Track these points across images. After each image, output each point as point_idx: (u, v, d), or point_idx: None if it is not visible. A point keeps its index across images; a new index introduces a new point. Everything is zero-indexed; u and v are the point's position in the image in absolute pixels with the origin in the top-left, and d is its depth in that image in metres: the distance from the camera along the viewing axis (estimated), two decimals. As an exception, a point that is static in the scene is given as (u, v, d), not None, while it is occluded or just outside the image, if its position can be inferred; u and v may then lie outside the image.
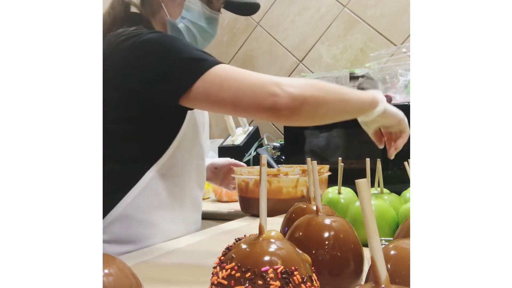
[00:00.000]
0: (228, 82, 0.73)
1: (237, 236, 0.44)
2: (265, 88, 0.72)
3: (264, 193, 0.38)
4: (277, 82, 0.72)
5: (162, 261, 0.71)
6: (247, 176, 1.13)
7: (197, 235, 0.90)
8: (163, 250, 0.78)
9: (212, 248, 0.77)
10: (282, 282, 0.32)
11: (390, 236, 0.70)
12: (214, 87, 0.73)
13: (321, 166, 0.91)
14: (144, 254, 0.75)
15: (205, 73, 0.73)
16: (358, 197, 0.28)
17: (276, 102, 0.70)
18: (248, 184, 1.13)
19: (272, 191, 1.08)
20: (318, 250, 0.44)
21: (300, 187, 1.09)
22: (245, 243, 0.36)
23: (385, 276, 0.27)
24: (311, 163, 0.51)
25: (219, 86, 0.73)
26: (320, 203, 0.50)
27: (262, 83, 0.73)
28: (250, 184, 1.12)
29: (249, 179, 1.12)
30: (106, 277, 0.31)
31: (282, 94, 0.71)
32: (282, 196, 1.08)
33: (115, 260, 0.33)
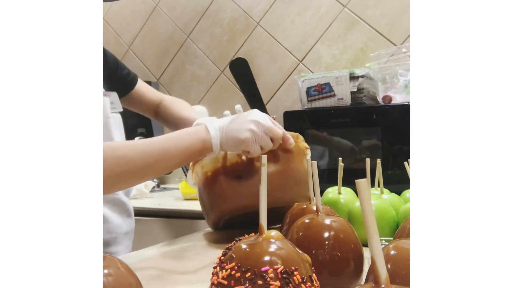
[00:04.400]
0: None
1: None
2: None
3: (264, 193, 0.38)
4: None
5: (162, 261, 0.71)
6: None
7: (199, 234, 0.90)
8: (163, 249, 0.78)
9: (213, 248, 0.77)
10: (282, 282, 0.32)
11: (390, 236, 0.70)
12: None
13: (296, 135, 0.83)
14: (145, 254, 0.75)
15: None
16: (358, 197, 0.28)
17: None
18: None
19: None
20: (318, 250, 0.44)
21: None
22: (245, 243, 0.36)
23: (385, 276, 0.27)
24: (311, 163, 0.51)
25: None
26: (320, 203, 0.50)
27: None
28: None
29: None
30: (106, 277, 0.31)
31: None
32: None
33: (115, 260, 0.33)
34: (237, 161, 0.78)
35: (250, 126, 0.71)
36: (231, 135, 0.71)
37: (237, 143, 0.71)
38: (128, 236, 1.02)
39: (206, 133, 0.71)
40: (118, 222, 0.98)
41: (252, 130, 0.71)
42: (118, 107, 1.00)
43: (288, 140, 0.76)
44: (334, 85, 1.49)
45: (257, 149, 0.72)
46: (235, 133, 0.71)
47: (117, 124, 0.99)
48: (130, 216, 1.03)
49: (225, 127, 0.72)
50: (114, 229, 0.97)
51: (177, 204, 1.51)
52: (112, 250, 0.96)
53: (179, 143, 0.70)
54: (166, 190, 1.92)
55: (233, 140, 0.71)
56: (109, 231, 0.96)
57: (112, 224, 0.96)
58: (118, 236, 0.98)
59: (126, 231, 1.01)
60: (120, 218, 0.99)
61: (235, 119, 0.74)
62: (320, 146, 1.47)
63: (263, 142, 0.72)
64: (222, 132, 0.72)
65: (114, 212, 0.97)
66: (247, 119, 0.72)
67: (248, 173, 0.77)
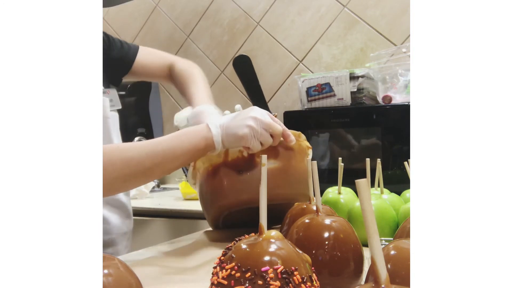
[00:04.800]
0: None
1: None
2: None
3: (264, 193, 0.38)
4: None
5: (162, 261, 0.71)
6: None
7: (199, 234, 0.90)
8: (163, 250, 0.78)
9: (213, 248, 0.77)
10: (282, 282, 0.32)
11: (390, 236, 0.70)
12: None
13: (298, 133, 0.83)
14: (144, 254, 0.75)
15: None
16: (358, 197, 0.28)
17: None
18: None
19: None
20: (318, 250, 0.44)
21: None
22: (245, 243, 0.36)
23: (385, 276, 0.27)
24: (311, 163, 0.51)
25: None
26: (320, 203, 0.50)
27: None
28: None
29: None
30: (106, 277, 0.31)
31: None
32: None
33: (115, 260, 0.33)
34: (238, 156, 0.79)
35: (248, 122, 0.72)
36: (231, 132, 0.73)
37: (236, 139, 0.73)
38: (127, 236, 1.02)
39: (208, 131, 0.73)
40: (117, 223, 0.98)
41: (250, 126, 0.72)
42: (117, 104, 1.00)
43: (288, 137, 0.77)
44: (334, 85, 1.49)
45: (256, 145, 0.73)
46: (235, 129, 0.73)
47: (115, 123, 0.99)
48: (129, 217, 1.03)
49: (225, 124, 0.74)
50: (113, 230, 0.97)
51: (177, 204, 1.51)
52: (111, 251, 0.96)
53: (184, 142, 0.72)
54: (166, 190, 1.92)
55: (233, 137, 0.73)
56: (108, 232, 0.96)
57: (111, 225, 0.96)
58: (117, 237, 0.98)
59: (125, 232, 1.01)
60: (119, 219, 0.99)
61: (236, 116, 0.75)
62: (320, 146, 1.47)
63: (263, 138, 0.73)
64: (223, 129, 0.73)
65: (114, 213, 0.97)
66: (246, 115, 0.74)
67: (249, 168, 0.78)
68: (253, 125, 0.72)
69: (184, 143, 0.72)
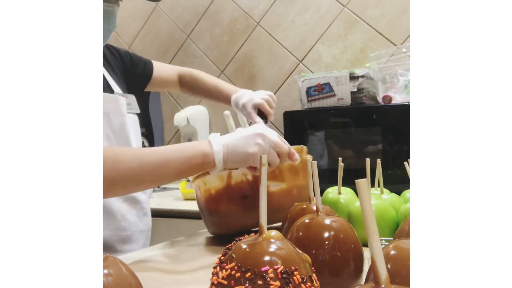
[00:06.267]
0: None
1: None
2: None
3: (264, 193, 0.38)
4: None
5: (162, 260, 0.71)
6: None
7: (199, 235, 0.90)
8: (163, 250, 0.78)
9: (213, 248, 0.77)
10: (282, 282, 0.32)
11: (390, 236, 0.70)
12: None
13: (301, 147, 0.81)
14: (145, 253, 0.75)
15: None
16: (358, 197, 0.28)
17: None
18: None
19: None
20: (318, 250, 0.44)
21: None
22: (245, 243, 0.36)
23: (385, 276, 0.27)
24: (311, 163, 0.51)
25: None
26: (320, 203, 0.50)
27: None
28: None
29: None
30: (106, 277, 0.31)
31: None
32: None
33: (115, 260, 0.33)
34: (242, 180, 0.76)
35: (257, 140, 0.70)
36: (238, 150, 0.70)
37: (244, 157, 0.70)
38: (145, 234, 1.02)
39: (209, 147, 0.70)
40: (134, 220, 0.98)
41: (259, 144, 0.70)
42: (135, 108, 1.03)
43: (293, 156, 0.75)
44: (334, 85, 1.49)
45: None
46: (243, 147, 0.70)
47: (133, 124, 1.00)
48: (147, 214, 1.04)
49: (230, 142, 0.71)
50: (130, 227, 0.97)
51: (177, 204, 1.51)
52: (128, 248, 0.96)
53: (180, 154, 0.69)
54: (166, 190, 1.92)
55: (241, 155, 0.70)
56: (125, 229, 0.96)
57: (128, 221, 0.96)
58: (134, 233, 0.98)
59: (142, 229, 1.01)
60: (136, 216, 0.99)
61: (239, 134, 0.73)
62: (320, 146, 1.47)
63: (270, 158, 0.71)
64: (227, 147, 0.70)
65: (131, 210, 0.98)
66: (253, 132, 0.71)
67: (254, 192, 0.75)
68: (262, 144, 0.70)
69: (181, 155, 0.69)
